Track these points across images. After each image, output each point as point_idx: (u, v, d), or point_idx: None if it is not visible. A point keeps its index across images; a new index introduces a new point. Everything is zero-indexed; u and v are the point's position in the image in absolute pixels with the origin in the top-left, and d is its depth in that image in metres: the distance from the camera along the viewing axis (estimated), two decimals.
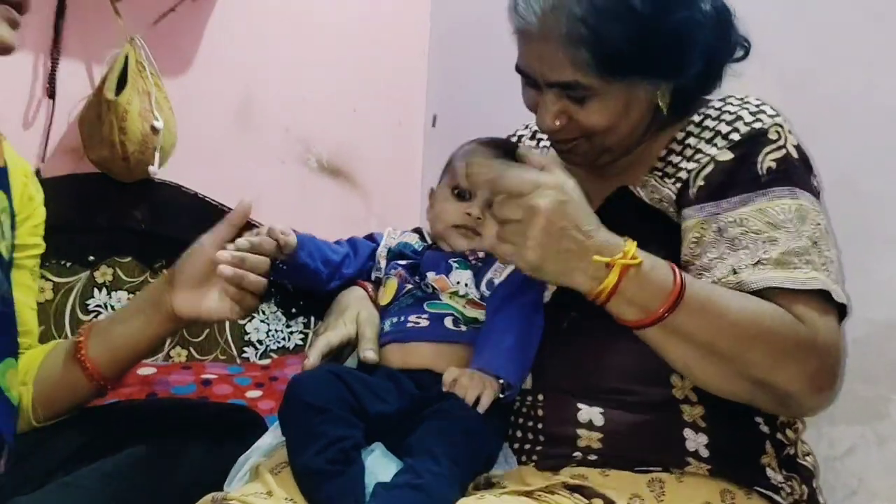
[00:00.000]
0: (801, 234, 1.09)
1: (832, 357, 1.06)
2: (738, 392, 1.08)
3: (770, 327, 1.04)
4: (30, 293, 1.29)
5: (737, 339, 1.04)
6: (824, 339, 1.05)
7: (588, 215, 1.04)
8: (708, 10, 1.15)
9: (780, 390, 1.05)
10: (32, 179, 1.31)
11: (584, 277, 1.02)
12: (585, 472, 1.07)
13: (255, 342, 2.11)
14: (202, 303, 1.19)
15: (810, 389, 1.05)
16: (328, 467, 1.01)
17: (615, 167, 1.25)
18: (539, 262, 1.01)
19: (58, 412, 1.25)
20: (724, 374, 1.06)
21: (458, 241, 1.23)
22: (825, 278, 1.07)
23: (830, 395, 1.08)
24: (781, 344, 1.04)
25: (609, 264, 1.01)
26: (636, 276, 1.01)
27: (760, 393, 1.07)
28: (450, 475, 1.01)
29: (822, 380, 1.06)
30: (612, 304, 1.03)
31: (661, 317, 1.02)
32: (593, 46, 1.08)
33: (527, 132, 1.46)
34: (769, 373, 1.05)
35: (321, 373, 1.12)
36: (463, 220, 1.23)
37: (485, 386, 1.09)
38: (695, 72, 1.15)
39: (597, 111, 1.14)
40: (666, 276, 1.03)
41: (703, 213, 1.13)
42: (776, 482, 1.11)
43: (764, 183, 1.11)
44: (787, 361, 1.04)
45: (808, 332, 1.04)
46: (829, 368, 1.06)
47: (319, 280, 1.28)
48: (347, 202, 2.39)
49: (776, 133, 1.14)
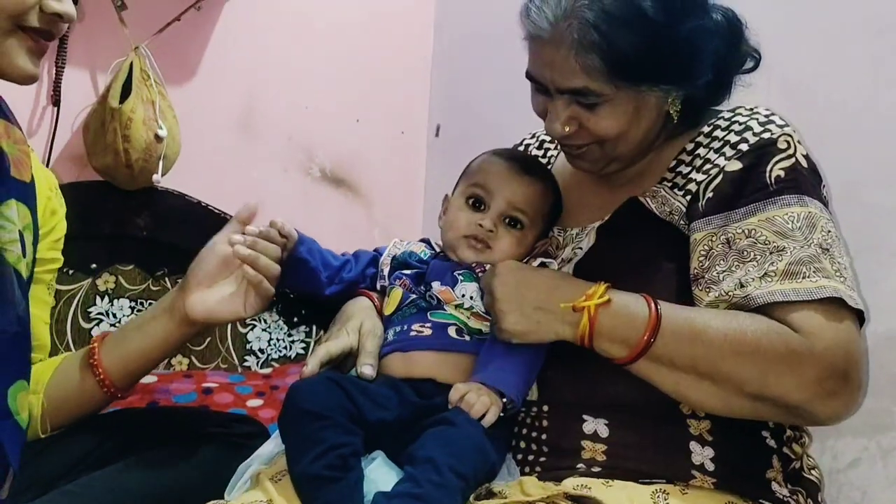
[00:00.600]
0: (811, 242, 1.08)
1: (841, 362, 1.04)
2: (742, 410, 1.07)
3: (754, 342, 1.04)
4: (44, 307, 1.29)
5: (722, 358, 1.04)
6: (827, 345, 1.03)
7: (543, 276, 1.14)
8: (719, 20, 1.16)
9: (783, 402, 1.05)
10: (56, 193, 1.31)
11: (562, 326, 1.09)
12: (588, 483, 1.06)
13: (256, 351, 2.11)
14: (215, 303, 1.20)
15: (817, 397, 1.04)
16: (326, 473, 1.01)
17: (624, 177, 1.25)
18: (513, 329, 1.10)
19: (64, 422, 1.25)
20: (720, 396, 1.06)
21: (467, 252, 1.23)
22: (837, 285, 1.06)
23: (849, 401, 1.06)
24: (769, 357, 1.03)
25: (575, 308, 1.07)
26: (610, 314, 1.07)
27: (765, 407, 1.06)
28: (451, 485, 1.00)
29: (829, 386, 1.04)
30: (595, 344, 1.08)
31: (645, 348, 1.05)
32: (605, 53, 1.08)
33: (533, 141, 1.45)
34: (763, 387, 1.04)
35: (320, 380, 1.12)
36: (474, 231, 1.22)
37: (491, 402, 1.09)
38: (705, 81, 1.15)
39: (607, 118, 1.14)
40: (641, 309, 1.07)
41: (712, 226, 1.12)
42: (781, 496, 1.10)
43: (772, 192, 1.11)
44: (780, 373, 1.03)
45: (801, 341, 1.03)
46: (839, 374, 1.04)
47: (318, 281, 1.27)
48: (350, 211, 2.39)
49: (785, 143, 1.14)
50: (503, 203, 1.23)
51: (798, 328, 1.04)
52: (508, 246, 1.22)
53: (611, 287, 1.09)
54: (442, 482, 0.99)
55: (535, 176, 1.26)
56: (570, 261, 1.22)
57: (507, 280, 1.12)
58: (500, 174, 1.25)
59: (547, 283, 1.12)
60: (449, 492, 1.00)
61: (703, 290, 1.10)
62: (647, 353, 1.06)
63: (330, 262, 1.29)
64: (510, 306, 1.11)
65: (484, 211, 1.23)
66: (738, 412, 1.08)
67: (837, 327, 1.05)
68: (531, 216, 1.24)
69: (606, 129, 1.15)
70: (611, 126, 1.15)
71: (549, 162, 1.40)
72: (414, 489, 0.98)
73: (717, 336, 1.04)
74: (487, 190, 1.24)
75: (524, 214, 1.23)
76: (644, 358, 1.06)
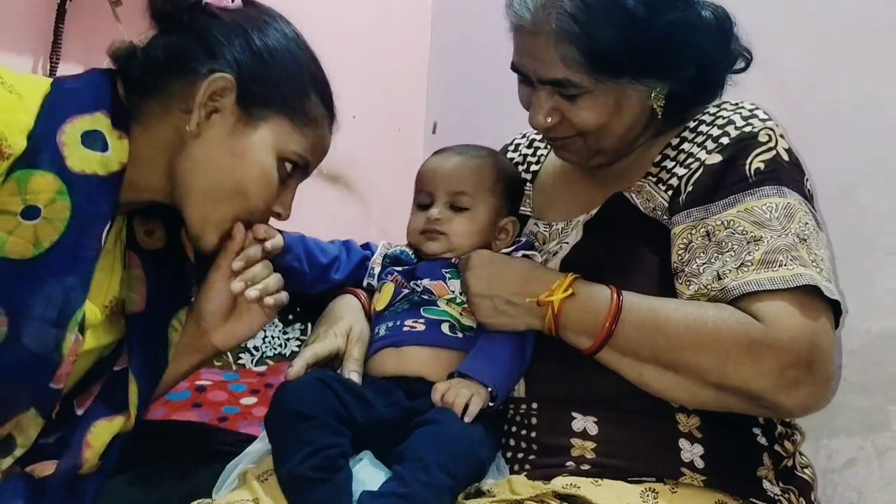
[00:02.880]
0: (788, 232, 1.07)
1: (805, 352, 1.02)
2: (707, 401, 1.07)
3: (713, 331, 1.04)
4: None
5: (682, 348, 1.05)
6: (791, 334, 1.02)
7: (516, 271, 1.15)
8: (706, 17, 1.15)
9: (745, 392, 1.04)
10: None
11: (532, 319, 1.12)
12: (577, 482, 1.06)
13: (251, 348, 2.10)
14: (239, 329, 1.21)
15: (779, 387, 1.02)
16: (313, 475, 1.00)
17: (612, 172, 1.25)
18: (489, 318, 1.14)
19: None
20: (683, 386, 1.06)
21: (428, 245, 1.26)
22: (814, 273, 1.05)
23: (816, 391, 1.04)
24: (728, 345, 1.03)
25: (540, 303, 1.10)
26: (574, 305, 1.09)
27: (730, 398, 1.06)
28: (439, 484, 1.00)
29: (791, 375, 1.02)
30: (562, 336, 1.10)
31: (606, 337, 1.07)
32: (584, 44, 1.09)
33: (524, 140, 1.46)
34: (723, 377, 1.04)
35: (309, 380, 1.11)
36: (426, 225, 1.26)
37: (472, 394, 1.09)
38: (687, 76, 1.15)
39: (587, 109, 1.15)
40: (604, 298, 1.08)
41: (692, 219, 1.12)
42: (773, 494, 1.10)
43: (752, 183, 1.11)
44: (739, 362, 1.03)
45: (762, 330, 1.03)
46: (802, 363, 1.02)
47: (304, 282, 1.29)
48: (347, 209, 2.38)
49: (766, 136, 1.14)
50: (442, 193, 1.26)
51: (763, 318, 1.03)
52: (461, 227, 1.25)
53: (579, 279, 1.11)
54: (430, 481, 0.99)
55: (465, 156, 1.29)
56: (556, 254, 1.22)
57: (479, 273, 1.15)
58: (432, 169, 1.29)
59: (518, 276, 1.15)
60: (437, 491, 0.99)
61: (683, 283, 1.10)
62: (608, 342, 1.07)
63: (318, 260, 1.30)
64: (482, 300, 1.14)
65: (429, 207, 1.27)
66: (703, 403, 1.08)
67: (805, 317, 1.04)
68: (472, 193, 1.26)
69: (587, 121, 1.15)
70: (591, 118, 1.15)
71: (539, 160, 1.41)
72: (400, 488, 0.98)
73: (678, 326, 1.05)
74: (428, 189, 1.28)
75: (464, 195, 1.26)
76: (607, 347, 1.08)
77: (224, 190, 1.12)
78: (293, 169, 1.17)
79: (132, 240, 1.20)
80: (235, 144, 1.11)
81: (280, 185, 1.16)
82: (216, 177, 1.11)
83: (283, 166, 1.15)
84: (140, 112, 1.12)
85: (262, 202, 1.15)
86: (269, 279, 1.18)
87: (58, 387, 1.04)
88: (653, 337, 1.06)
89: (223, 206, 1.13)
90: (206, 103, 1.10)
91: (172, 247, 1.24)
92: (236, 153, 1.11)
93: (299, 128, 1.16)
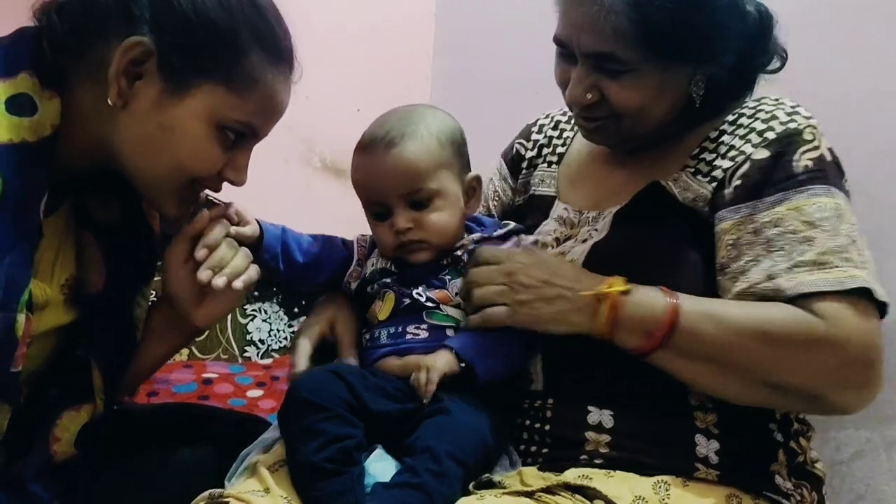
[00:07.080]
0: (840, 233, 1.07)
1: (863, 353, 1.04)
2: (760, 399, 1.07)
3: (777, 330, 1.03)
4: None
5: (744, 347, 1.04)
6: (850, 334, 1.03)
7: (567, 264, 1.12)
8: (751, 11, 1.15)
9: (802, 391, 1.04)
10: None
11: (579, 317, 1.08)
12: (590, 473, 1.05)
13: (256, 341, 2.11)
14: (217, 309, 1.19)
15: (836, 386, 1.04)
16: (326, 466, 1.00)
17: (644, 161, 1.23)
18: (533, 313, 1.09)
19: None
20: (741, 385, 1.06)
21: (415, 257, 1.18)
22: (866, 276, 1.06)
23: (865, 393, 1.06)
24: (792, 344, 1.03)
25: (598, 297, 1.06)
26: (629, 304, 1.06)
27: (783, 397, 1.06)
28: (450, 473, 0.99)
29: (848, 375, 1.04)
30: (615, 334, 1.07)
31: (664, 338, 1.05)
32: (636, 17, 1.07)
33: (548, 121, 1.43)
34: (784, 375, 1.04)
35: (322, 372, 1.11)
36: (397, 241, 1.17)
37: (434, 360, 1.08)
38: (728, 64, 1.13)
39: (629, 88, 1.13)
40: (660, 299, 1.06)
41: (739, 215, 1.11)
42: (785, 489, 1.10)
43: (801, 181, 1.09)
44: (801, 361, 1.03)
45: (825, 328, 1.03)
46: (860, 364, 1.04)
47: (280, 280, 1.25)
48: (351, 201, 2.35)
49: (811, 134, 1.13)
50: (396, 198, 1.16)
51: (824, 317, 1.03)
52: (435, 224, 1.16)
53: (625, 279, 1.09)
54: (441, 471, 0.99)
55: (398, 145, 1.15)
56: (585, 242, 1.19)
57: (532, 272, 1.10)
58: (371, 175, 1.17)
59: (570, 271, 1.12)
60: (448, 481, 0.99)
61: (729, 279, 1.09)
62: (666, 343, 1.05)
63: (295, 259, 1.23)
64: (531, 293, 1.09)
65: (389, 216, 1.17)
66: (758, 402, 1.08)
67: (863, 318, 1.04)
68: (427, 182, 1.15)
69: (627, 101, 1.13)
70: (632, 98, 1.13)
71: (566, 142, 1.38)
72: (413, 479, 0.98)
73: (740, 324, 1.04)
74: (377, 199, 1.18)
75: (421, 190, 1.15)
76: (662, 348, 1.06)
77: (161, 164, 1.03)
78: (239, 135, 1.07)
79: (84, 217, 1.12)
80: (163, 117, 1.01)
81: (227, 152, 1.07)
82: (149, 152, 1.03)
83: (224, 135, 1.05)
84: (67, 74, 1.01)
85: (207, 172, 1.06)
86: (235, 260, 1.12)
87: (16, 369, 0.98)
88: (713, 335, 1.04)
89: (166, 178, 1.05)
90: (126, 71, 0.99)
91: (131, 219, 1.16)
92: (165, 126, 1.01)
93: (238, 92, 1.04)
